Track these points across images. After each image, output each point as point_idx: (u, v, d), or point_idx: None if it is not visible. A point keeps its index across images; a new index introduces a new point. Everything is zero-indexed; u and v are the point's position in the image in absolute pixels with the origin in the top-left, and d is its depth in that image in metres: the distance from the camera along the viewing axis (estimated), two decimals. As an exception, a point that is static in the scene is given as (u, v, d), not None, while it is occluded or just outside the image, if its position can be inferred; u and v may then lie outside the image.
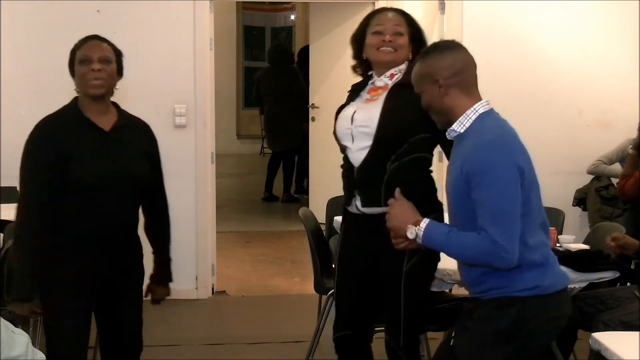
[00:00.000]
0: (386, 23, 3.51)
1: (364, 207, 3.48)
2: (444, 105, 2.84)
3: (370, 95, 3.55)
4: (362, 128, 3.45)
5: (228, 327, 5.72)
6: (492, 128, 2.78)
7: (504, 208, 2.66)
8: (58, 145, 3.21)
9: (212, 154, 6.32)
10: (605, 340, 2.90)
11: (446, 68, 2.82)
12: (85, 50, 3.27)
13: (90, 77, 3.23)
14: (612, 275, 3.98)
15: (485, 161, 2.68)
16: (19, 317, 3.29)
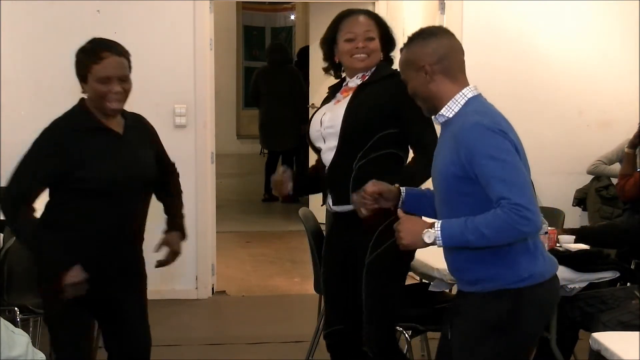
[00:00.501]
0: (357, 28, 3.53)
1: (334, 205, 3.57)
2: (429, 92, 2.82)
3: (342, 95, 3.62)
4: (329, 129, 3.52)
5: (228, 327, 5.72)
6: (480, 108, 2.76)
7: (516, 175, 2.62)
8: (66, 151, 3.18)
9: (212, 154, 6.33)
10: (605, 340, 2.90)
11: (430, 54, 2.80)
12: (105, 70, 3.17)
13: (111, 99, 3.20)
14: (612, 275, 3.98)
15: (482, 138, 2.65)
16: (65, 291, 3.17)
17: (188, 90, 6.12)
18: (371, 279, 3.48)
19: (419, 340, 4.72)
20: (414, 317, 3.92)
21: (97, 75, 3.17)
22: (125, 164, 3.25)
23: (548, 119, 6.32)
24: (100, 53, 3.19)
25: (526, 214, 2.57)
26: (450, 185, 2.75)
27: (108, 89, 3.18)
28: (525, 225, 2.59)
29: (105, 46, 3.22)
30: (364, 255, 3.49)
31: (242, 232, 8.46)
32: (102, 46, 3.23)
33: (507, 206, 2.58)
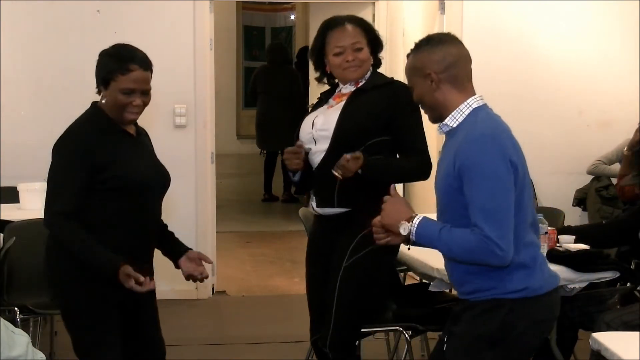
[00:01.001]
0: (344, 41, 3.52)
1: (318, 207, 3.57)
2: (435, 100, 2.80)
3: (334, 101, 3.61)
4: (322, 132, 3.52)
5: (228, 327, 5.72)
6: (485, 122, 2.73)
7: (498, 204, 2.61)
8: (97, 153, 3.17)
9: (212, 154, 6.32)
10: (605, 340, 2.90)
11: (437, 62, 2.77)
12: (130, 82, 3.18)
13: (129, 110, 3.22)
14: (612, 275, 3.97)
15: (478, 155, 2.63)
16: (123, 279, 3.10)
17: (188, 90, 6.12)
18: (345, 284, 3.47)
19: (419, 340, 4.72)
20: (414, 317, 3.91)
21: (121, 86, 3.18)
22: (148, 166, 3.30)
23: (548, 119, 6.32)
24: (129, 65, 3.19)
25: (493, 249, 2.59)
26: (449, 196, 2.75)
27: (129, 101, 3.19)
28: (492, 260, 2.62)
29: (133, 58, 3.22)
30: (336, 256, 3.50)
31: (242, 232, 8.46)
32: (130, 57, 3.22)
33: (479, 235, 2.60)
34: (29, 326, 4.50)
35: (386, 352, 4.65)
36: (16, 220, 4.43)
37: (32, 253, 4.33)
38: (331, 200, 3.47)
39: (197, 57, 6.12)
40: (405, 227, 2.72)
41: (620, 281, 4.25)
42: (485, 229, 2.59)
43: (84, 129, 3.22)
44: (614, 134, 6.14)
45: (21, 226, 4.36)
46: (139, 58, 3.22)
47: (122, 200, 3.20)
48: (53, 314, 4.46)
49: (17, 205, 4.96)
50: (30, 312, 4.20)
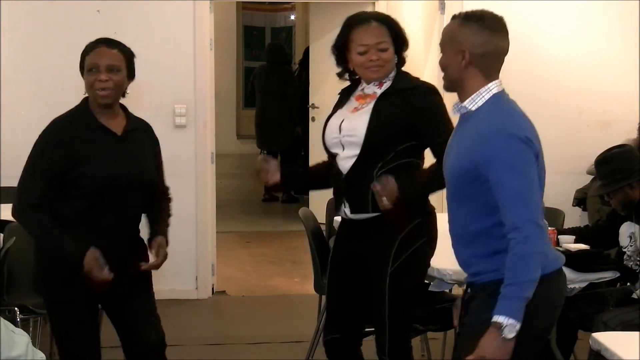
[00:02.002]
0: (369, 40, 3.45)
1: (352, 213, 3.50)
2: (458, 76, 2.76)
3: (357, 102, 3.54)
4: (349, 137, 3.46)
5: (228, 327, 5.72)
6: (505, 107, 2.73)
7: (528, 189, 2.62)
8: (69, 148, 3.22)
9: (212, 154, 6.33)
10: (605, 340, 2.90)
11: (477, 45, 2.74)
12: (93, 58, 3.26)
13: (97, 87, 3.25)
14: (612, 275, 3.97)
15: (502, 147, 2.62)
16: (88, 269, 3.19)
17: (188, 90, 6.12)
18: (394, 291, 3.42)
19: (419, 340, 4.72)
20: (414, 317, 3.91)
21: (87, 65, 3.26)
22: (122, 164, 3.27)
23: (548, 119, 6.31)
24: (94, 45, 3.28)
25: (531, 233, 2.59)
26: (460, 181, 2.73)
27: (94, 77, 3.23)
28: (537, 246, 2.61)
29: (102, 40, 3.31)
30: (376, 263, 3.44)
31: (242, 232, 8.46)
32: (99, 40, 3.31)
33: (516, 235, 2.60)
34: (29, 326, 4.50)
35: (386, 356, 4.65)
36: (16, 220, 4.43)
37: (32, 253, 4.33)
38: (366, 206, 3.42)
39: (197, 57, 6.12)
40: (509, 329, 2.59)
41: (620, 281, 4.25)
42: (521, 215, 2.60)
43: (62, 124, 3.29)
44: (614, 134, 6.13)
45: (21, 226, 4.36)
46: (107, 39, 3.31)
47: (91, 199, 3.23)
48: (53, 314, 4.46)
49: (17, 205, 4.96)
50: (30, 312, 4.21)
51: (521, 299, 2.60)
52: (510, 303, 2.60)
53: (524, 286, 2.60)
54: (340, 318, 3.63)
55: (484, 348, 2.62)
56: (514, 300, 2.60)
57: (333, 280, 3.66)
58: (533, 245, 2.61)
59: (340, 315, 3.63)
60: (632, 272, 4.11)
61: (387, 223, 3.36)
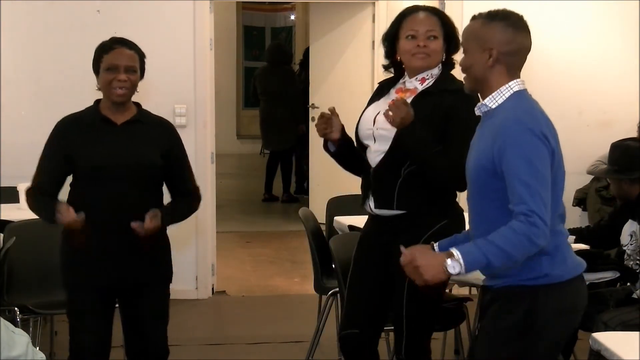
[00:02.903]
0: (419, 26, 3.41)
1: (377, 208, 3.48)
2: (483, 75, 2.75)
3: (398, 96, 3.48)
4: (383, 131, 3.41)
5: (228, 327, 5.72)
6: (525, 104, 2.73)
7: (541, 183, 2.61)
8: (67, 140, 3.43)
9: (212, 154, 6.32)
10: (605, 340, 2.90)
11: (504, 43, 2.73)
12: (113, 58, 3.39)
13: (115, 86, 3.39)
14: (612, 275, 3.98)
15: (520, 136, 2.61)
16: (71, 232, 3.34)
17: (188, 90, 6.12)
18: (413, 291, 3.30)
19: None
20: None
21: (106, 64, 3.39)
22: (115, 151, 3.39)
23: (548, 119, 6.32)
24: (112, 45, 3.42)
25: (539, 224, 2.56)
26: (482, 179, 2.72)
27: (114, 77, 3.38)
28: (538, 236, 2.57)
29: (119, 40, 3.45)
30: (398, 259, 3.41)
31: (242, 232, 8.45)
32: (116, 40, 3.45)
33: (523, 217, 2.57)
34: (29, 326, 4.49)
35: (386, 352, 4.65)
36: (16, 220, 4.43)
37: (32, 253, 4.34)
38: (390, 202, 3.40)
39: (197, 57, 6.12)
40: (454, 266, 2.61)
41: (620, 281, 4.25)
42: (531, 204, 2.57)
43: (67, 119, 3.50)
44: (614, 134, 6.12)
45: (21, 226, 4.36)
46: (124, 40, 3.45)
47: (90, 184, 3.40)
48: (53, 314, 4.46)
49: (17, 205, 4.96)
50: (30, 312, 4.20)
51: (484, 256, 2.57)
52: (473, 249, 2.60)
53: (495, 251, 2.57)
54: (360, 313, 3.57)
55: (424, 259, 2.65)
56: (479, 251, 2.59)
57: (357, 274, 3.61)
58: (531, 232, 2.57)
59: (361, 310, 3.57)
60: (632, 272, 4.12)
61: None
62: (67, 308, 3.52)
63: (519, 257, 2.61)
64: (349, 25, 7.72)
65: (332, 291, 4.54)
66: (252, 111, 11.76)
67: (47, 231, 3.55)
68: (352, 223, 4.53)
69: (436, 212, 3.37)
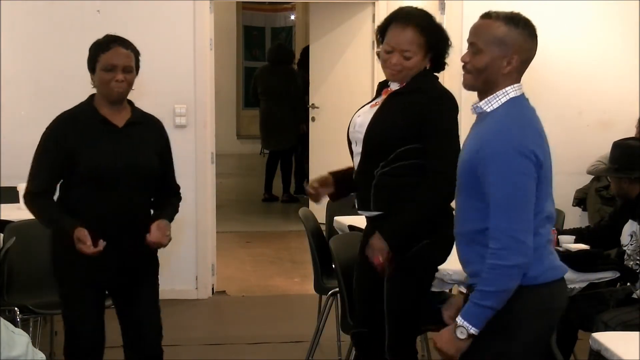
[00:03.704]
0: (397, 43, 3.38)
1: (359, 210, 3.54)
2: (495, 78, 2.73)
3: (382, 98, 3.50)
4: (358, 134, 3.46)
5: (228, 327, 5.72)
6: (516, 115, 2.72)
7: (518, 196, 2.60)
8: (65, 139, 3.41)
9: (212, 154, 6.32)
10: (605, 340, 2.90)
11: (525, 51, 2.73)
12: (110, 58, 3.40)
13: (113, 86, 3.41)
14: (612, 275, 3.98)
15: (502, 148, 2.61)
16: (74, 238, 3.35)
17: (188, 90, 6.12)
18: (391, 290, 3.42)
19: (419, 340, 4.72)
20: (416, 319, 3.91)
21: (103, 64, 3.40)
22: (118, 154, 3.41)
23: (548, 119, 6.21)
24: (109, 44, 3.42)
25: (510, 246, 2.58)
26: (466, 179, 2.73)
27: (112, 77, 3.39)
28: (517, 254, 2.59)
29: (114, 38, 3.46)
30: None
31: (242, 232, 8.45)
32: (112, 39, 3.46)
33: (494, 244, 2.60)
34: (29, 326, 4.50)
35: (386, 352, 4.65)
36: (16, 220, 4.44)
37: (32, 253, 4.34)
38: (368, 203, 3.45)
39: (197, 57, 6.12)
40: (461, 331, 2.67)
41: (620, 281, 4.25)
42: (509, 221, 2.59)
43: (64, 118, 3.49)
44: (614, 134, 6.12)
45: (21, 226, 4.37)
46: (119, 39, 3.46)
47: (90, 186, 3.41)
48: (53, 314, 4.46)
49: (17, 205, 4.96)
50: (30, 312, 4.21)
51: (480, 306, 2.63)
52: (470, 307, 2.66)
53: (486, 295, 2.62)
54: (364, 313, 3.62)
55: (440, 340, 2.71)
56: (475, 305, 2.65)
57: (359, 275, 3.65)
58: (503, 258, 2.60)
59: (365, 311, 3.62)
60: (632, 272, 4.12)
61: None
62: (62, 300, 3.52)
63: (509, 285, 2.64)
64: (349, 25, 7.73)
65: (332, 291, 4.55)
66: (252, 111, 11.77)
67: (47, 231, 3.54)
68: (352, 223, 4.52)
69: None
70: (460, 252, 2.85)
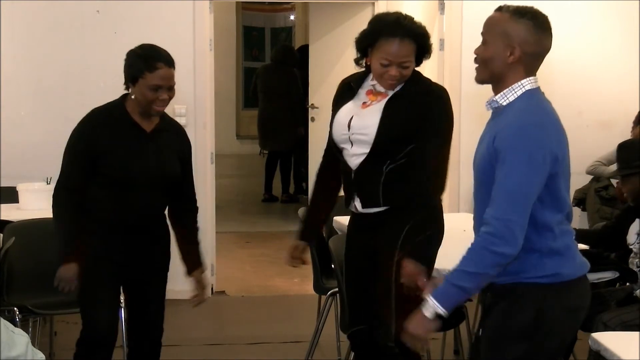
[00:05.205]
0: (394, 56, 3.41)
1: (364, 208, 3.54)
2: (500, 70, 2.72)
3: (368, 98, 3.53)
4: (360, 135, 3.47)
5: (228, 327, 5.72)
6: (534, 108, 2.70)
7: (524, 192, 2.58)
8: (96, 139, 3.48)
9: (212, 154, 6.33)
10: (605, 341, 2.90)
11: (529, 43, 2.70)
12: (158, 79, 3.47)
13: (157, 105, 3.50)
14: (612, 275, 3.98)
15: (517, 140, 2.60)
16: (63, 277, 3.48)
17: (188, 90, 6.11)
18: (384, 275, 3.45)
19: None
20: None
21: (149, 83, 3.46)
22: (147, 160, 3.52)
23: (548, 119, 6.32)
24: (155, 63, 3.49)
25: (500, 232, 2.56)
26: (486, 173, 2.70)
27: (156, 96, 3.48)
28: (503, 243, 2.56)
29: (159, 57, 3.54)
30: (389, 254, 3.45)
31: (242, 232, 8.45)
32: (157, 56, 3.53)
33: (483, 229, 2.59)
34: (29, 326, 4.50)
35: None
36: (16, 220, 4.44)
37: (32, 253, 4.34)
38: (377, 200, 3.48)
39: (197, 57, 6.12)
40: (427, 309, 2.65)
41: (620, 281, 4.25)
42: (508, 211, 2.57)
43: (97, 117, 3.55)
44: (614, 134, 6.14)
45: (21, 226, 4.37)
46: (164, 57, 3.55)
47: (115, 188, 3.50)
48: (53, 314, 4.47)
49: (17, 205, 4.97)
50: (30, 312, 4.20)
51: (454, 286, 2.61)
52: (443, 286, 2.64)
53: (462, 276, 2.60)
54: (363, 309, 3.63)
55: (410, 320, 2.69)
56: (448, 285, 2.62)
57: (350, 273, 3.68)
58: (489, 242, 2.57)
59: (363, 308, 3.63)
60: (632, 272, 4.12)
61: None
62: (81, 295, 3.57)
63: (490, 270, 2.61)
64: (349, 25, 7.72)
65: (331, 291, 4.55)
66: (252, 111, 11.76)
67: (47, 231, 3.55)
68: (352, 223, 4.52)
69: (415, 205, 3.46)
70: None
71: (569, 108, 6.36)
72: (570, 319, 2.75)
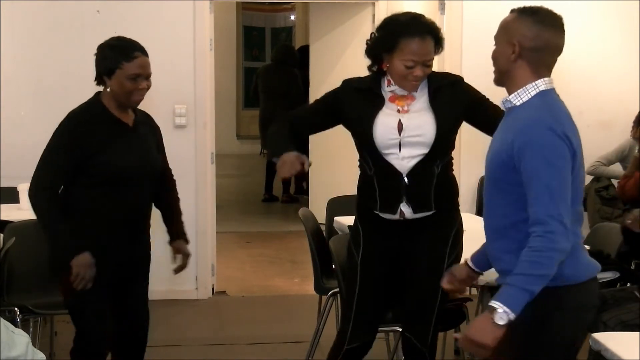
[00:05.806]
0: (419, 56, 3.37)
1: (416, 213, 3.47)
2: (506, 68, 2.74)
3: (395, 104, 3.46)
4: (414, 137, 3.42)
5: (228, 327, 5.72)
6: (549, 104, 2.71)
7: (562, 184, 2.58)
8: (84, 139, 3.43)
9: (212, 154, 6.33)
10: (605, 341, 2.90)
11: (528, 38, 2.72)
12: (136, 68, 3.44)
13: (136, 95, 3.47)
14: (612, 275, 3.97)
15: (539, 135, 2.59)
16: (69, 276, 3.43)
17: (188, 90, 6.12)
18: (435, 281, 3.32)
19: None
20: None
21: (128, 73, 3.43)
22: (135, 155, 3.50)
23: (548, 119, 6.32)
24: (132, 52, 3.45)
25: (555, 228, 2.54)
26: (499, 173, 2.70)
27: (135, 86, 3.44)
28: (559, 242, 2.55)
29: (135, 46, 3.49)
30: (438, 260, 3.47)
31: (242, 232, 8.45)
32: (132, 46, 3.49)
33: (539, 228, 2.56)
34: (29, 326, 4.49)
35: (386, 352, 4.66)
36: (16, 220, 4.44)
37: (32, 253, 4.34)
38: (429, 204, 3.46)
39: (197, 57, 6.12)
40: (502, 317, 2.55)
41: (620, 281, 4.25)
42: (550, 207, 2.55)
43: (78, 117, 3.50)
44: (614, 134, 6.14)
45: (21, 226, 4.36)
46: (138, 46, 3.50)
47: (103, 187, 3.47)
48: (53, 314, 4.46)
49: (17, 206, 4.97)
50: (30, 312, 4.20)
51: (524, 290, 2.55)
52: (510, 291, 2.56)
53: (531, 279, 2.55)
54: (368, 323, 3.62)
55: (473, 329, 2.59)
56: (516, 289, 2.55)
57: (367, 281, 3.58)
58: (552, 241, 2.55)
59: (370, 321, 3.62)
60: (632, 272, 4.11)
61: None
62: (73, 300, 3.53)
63: (554, 269, 2.59)
64: (349, 25, 7.73)
65: (332, 291, 4.54)
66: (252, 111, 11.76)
67: (47, 231, 3.54)
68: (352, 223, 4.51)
69: (455, 207, 3.58)
70: (491, 249, 2.82)
71: (570, 108, 6.24)
72: (576, 320, 2.73)
